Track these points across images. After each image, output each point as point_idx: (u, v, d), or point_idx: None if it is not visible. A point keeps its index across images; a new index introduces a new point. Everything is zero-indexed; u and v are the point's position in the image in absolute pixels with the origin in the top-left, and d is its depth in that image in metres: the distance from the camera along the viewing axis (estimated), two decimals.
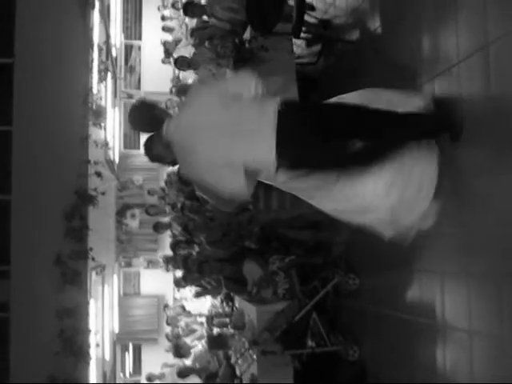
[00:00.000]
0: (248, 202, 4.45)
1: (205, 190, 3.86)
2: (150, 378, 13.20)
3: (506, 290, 3.26)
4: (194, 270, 7.61)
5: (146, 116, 3.87)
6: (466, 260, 3.65)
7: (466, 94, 3.67)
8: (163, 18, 15.44)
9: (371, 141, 3.62)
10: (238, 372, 6.68)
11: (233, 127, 3.52)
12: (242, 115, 3.55)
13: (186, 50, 10.19)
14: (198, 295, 9.20)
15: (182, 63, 8.94)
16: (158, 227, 12.74)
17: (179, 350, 11.41)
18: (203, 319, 11.16)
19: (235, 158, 3.51)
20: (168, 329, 13.48)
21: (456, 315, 3.80)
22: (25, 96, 7.65)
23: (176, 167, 12.40)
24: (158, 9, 16.22)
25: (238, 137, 3.52)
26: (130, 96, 18.07)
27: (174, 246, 9.71)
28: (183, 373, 10.84)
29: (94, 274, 10.10)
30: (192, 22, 9.75)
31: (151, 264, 17.00)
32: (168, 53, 13.64)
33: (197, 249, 8.41)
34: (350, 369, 5.58)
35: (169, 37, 14.45)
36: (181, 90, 9.74)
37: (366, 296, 5.46)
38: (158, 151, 3.90)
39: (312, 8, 6.93)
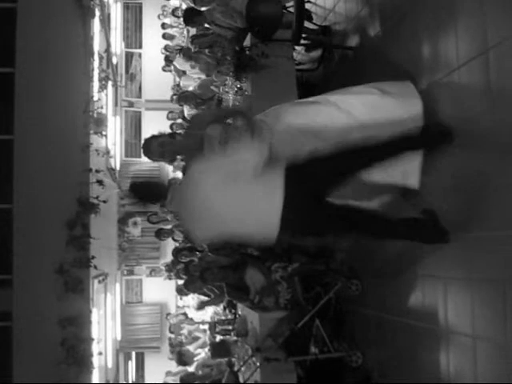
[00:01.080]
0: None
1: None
2: None
3: (509, 294, 3.26)
4: (196, 277, 7.60)
5: (145, 193, 3.92)
6: (468, 265, 3.64)
7: (465, 98, 3.68)
8: (164, 26, 15.48)
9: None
10: (241, 379, 6.65)
11: (234, 207, 3.58)
12: (244, 195, 3.57)
13: (187, 62, 10.24)
14: (200, 307, 9.17)
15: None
16: (160, 234, 12.76)
17: (182, 358, 11.39)
18: (206, 326, 11.14)
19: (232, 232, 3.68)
20: (171, 337, 13.47)
21: (459, 320, 3.79)
22: (26, 105, 7.66)
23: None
24: (159, 17, 16.27)
25: (238, 215, 3.60)
26: (131, 104, 18.11)
27: (177, 253, 9.72)
28: (186, 380, 10.82)
29: (96, 282, 10.10)
30: (193, 29, 9.78)
31: (154, 272, 17.00)
32: (168, 60, 13.67)
33: (199, 255, 8.42)
34: (354, 375, 5.56)
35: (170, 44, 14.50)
36: (181, 97, 9.76)
37: (369, 302, 5.45)
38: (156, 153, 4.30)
39: (310, 17, 6.94)
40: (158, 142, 4.32)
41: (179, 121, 12.79)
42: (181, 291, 11.85)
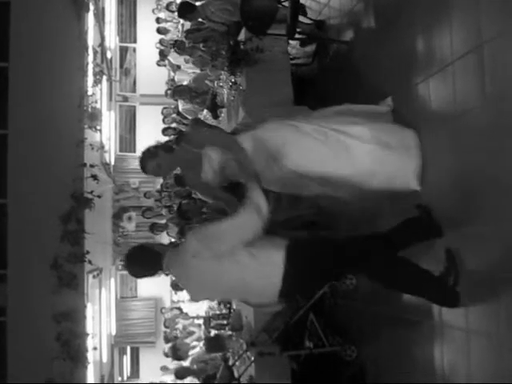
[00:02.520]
0: None
1: None
2: None
3: (503, 290, 3.27)
4: None
5: (143, 260, 3.87)
6: (461, 259, 3.65)
7: (460, 93, 3.69)
8: (158, 21, 15.45)
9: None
10: (235, 374, 6.66)
11: (232, 281, 3.61)
12: (240, 272, 3.57)
13: (181, 56, 10.23)
14: None
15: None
16: (154, 228, 12.76)
17: (177, 352, 11.39)
18: (201, 321, 11.16)
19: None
20: (166, 331, 13.49)
21: (453, 314, 3.80)
22: (20, 99, 7.63)
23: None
24: (153, 11, 16.23)
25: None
26: (126, 99, 18.07)
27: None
28: (181, 374, 10.83)
29: (90, 277, 10.08)
30: (187, 24, 9.76)
31: None
32: (163, 54, 13.66)
33: None
34: (348, 369, 5.58)
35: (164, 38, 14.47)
36: (176, 91, 9.75)
37: (364, 296, 5.46)
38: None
39: (304, 12, 6.93)
40: (155, 164, 4.30)
41: (174, 115, 12.78)
42: (176, 286, 11.87)
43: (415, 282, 3.73)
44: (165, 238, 13.83)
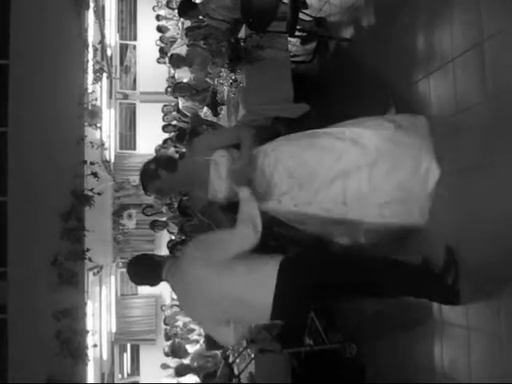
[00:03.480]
0: None
1: None
2: None
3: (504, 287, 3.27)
4: None
5: (143, 269, 3.87)
6: (461, 256, 3.65)
7: (460, 90, 3.68)
8: (158, 18, 15.45)
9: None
10: (236, 371, 6.67)
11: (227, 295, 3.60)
12: (236, 285, 3.58)
13: (182, 50, 10.22)
14: None
15: (175, 61, 8.97)
16: (155, 226, 12.77)
17: (176, 352, 11.42)
18: None
19: (226, 318, 3.66)
20: (167, 328, 13.50)
21: (453, 311, 3.80)
22: (20, 97, 7.63)
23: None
24: (153, 9, 16.23)
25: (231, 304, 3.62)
26: (126, 96, 18.07)
27: (172, 247, 9.73)
28: (181, 371, 10.86)
29: (91, 274, 10.08)
30: (187, 21, 9.75)
31: None
32: (163, 51, 13.65)
33: None
34: (349, 367, 5.58)
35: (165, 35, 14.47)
36: (176, 88, 9.75)
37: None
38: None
39: (304, 4, 6.92)
40: (157, 187, 4.14)
41: (174, 113, 12.79)
42: None
43: (414, 285, 3.72)
44: (165, 236, 13.85)
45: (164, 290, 16.31)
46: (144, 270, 3.85)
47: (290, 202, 4.07)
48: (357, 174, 3.86)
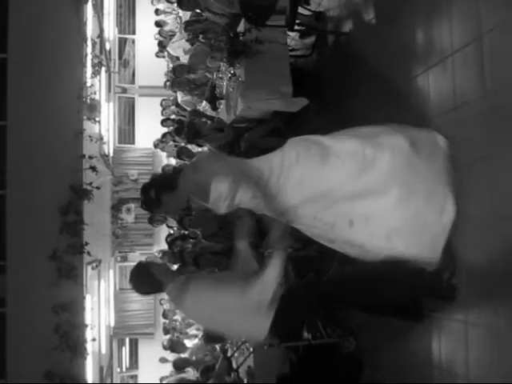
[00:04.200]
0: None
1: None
2: None
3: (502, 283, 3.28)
4: (189, 263, 7.61)
5: (145, 278, 3.83)
6: (461, 252, 3.66)
7: (459, 84, 3.68)
8: (157, 12, 15.40)
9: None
10: (234, 365, 6.69)
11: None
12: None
13: (180, 44, 10.20)
14: None
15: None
16: (153, 220, 12.76)
17: (174, 347, 11.44)
18: None
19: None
20: (165, 322, 13.50)
21: (451, 306, 3.80)
22: (19, 91, 7.63)
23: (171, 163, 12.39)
24: (152, 2, 16.16)
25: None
26: (124, 90, 18.04)
27: (171, 242, 9.72)
28: (179, 365, 10.87)
29: (89, 268, 10.09)
30: (186, 15, 9.73)
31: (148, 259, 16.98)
32: (162, 45, 13.62)
33: (193, 242, 8.43)
34: (347, 361, 5.58)
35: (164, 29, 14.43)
36: (175, 82, 9.73)
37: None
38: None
39: (306, 1, 6.92)
40: (163, 211, 4.05)
41: (173, 107, 12.76)
42: None
43: (412, 286, 3.72)
44: (164, 230, 13.84)
45: None
46: (144, 286, 3.85)
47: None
48: (367, 198, 3.59)
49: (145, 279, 3.80)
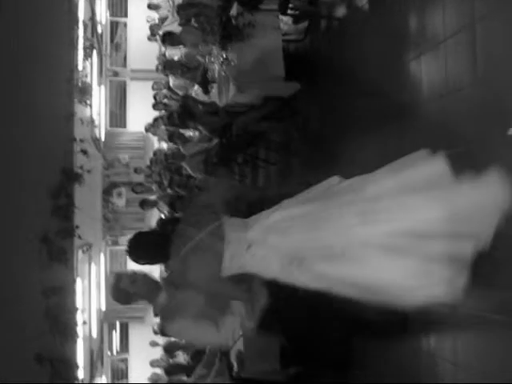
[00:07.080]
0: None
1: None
2: None
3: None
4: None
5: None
6: None
7: (451, 71, 3.68)
8: None
9: None
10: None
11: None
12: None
13: (172, 28, 10.13)
14: None
15: (170, 40, 8.90)
16: (145, 204, 12.76)
17: (164, 330, 11.44)
18: None
19: None
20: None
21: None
22: (8, 73, 7.58)
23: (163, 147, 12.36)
24: None
25: None
26: (116, 73, 17.95)
27: (162, 226, 9.71)
28: (170, 348, 10.89)
29: (80, 252, 10.09)
30: None
31: None
32: (153, 33, 13.56)
33: None
34: (338, 346, 5.60)
35: (155, 14, 14.33)
36: (167, 65, 9.69)
37: None
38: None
39: None
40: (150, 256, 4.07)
41: (164, 91, 12.71)
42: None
43: None
44: (155, 214, 13.83)
45: (153, 267, 16.33)
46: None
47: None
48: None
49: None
